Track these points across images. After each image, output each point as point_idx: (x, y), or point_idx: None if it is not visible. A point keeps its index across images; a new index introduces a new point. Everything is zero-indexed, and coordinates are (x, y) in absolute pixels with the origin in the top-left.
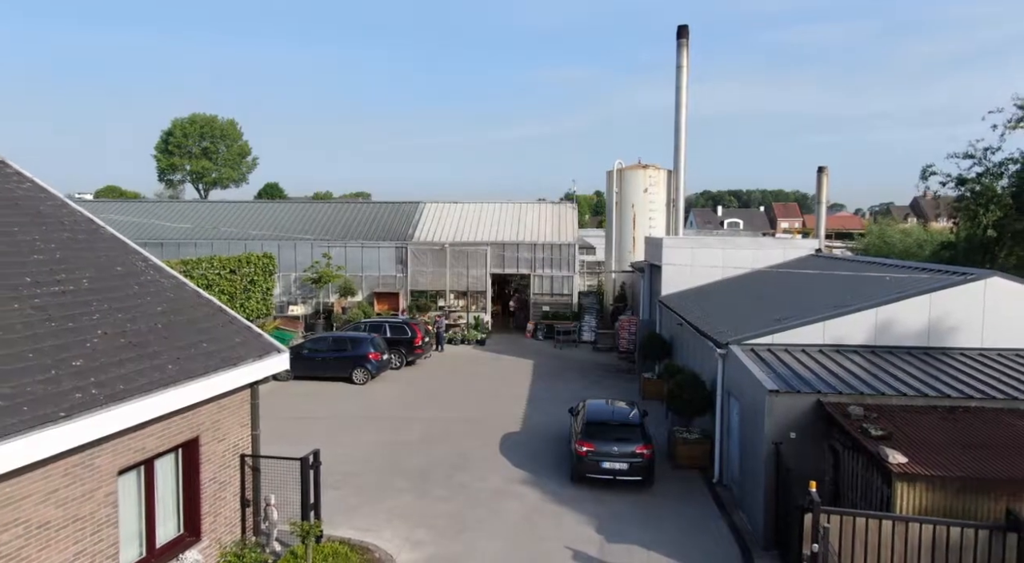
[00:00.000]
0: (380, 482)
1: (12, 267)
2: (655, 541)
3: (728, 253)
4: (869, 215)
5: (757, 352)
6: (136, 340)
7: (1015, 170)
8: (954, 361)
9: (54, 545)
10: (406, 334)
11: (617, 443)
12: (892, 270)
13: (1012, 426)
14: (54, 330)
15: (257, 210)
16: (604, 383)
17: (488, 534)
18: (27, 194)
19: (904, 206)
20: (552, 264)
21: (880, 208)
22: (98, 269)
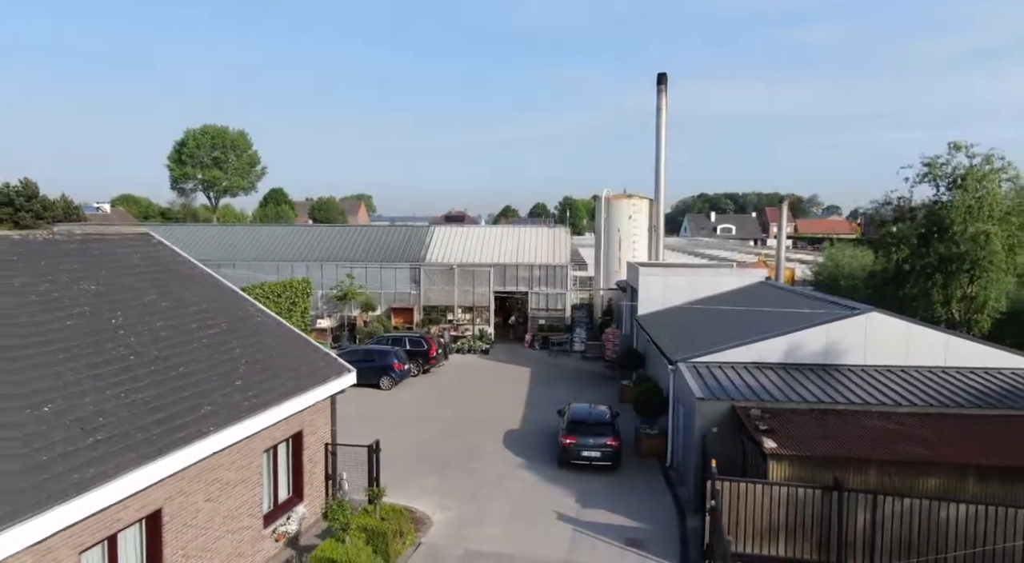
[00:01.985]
0: (411, 468)
1: (182, 317)
2: (618, 508)
3: (693, 280)
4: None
5: (697, 368)
6: (264, 366)
7: (921, 216)
8: (841, 375)
9: (235, 494)
10: (423, 347)
11: (593, 437)
12: (809, 302)
13: (861, 423)
14: (218, 361)
15: (290, 234)
16: (590, 388)
17: (495, 503)
18: (172, 258)
19: None
20: (547, 282)
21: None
22: (229, 315)
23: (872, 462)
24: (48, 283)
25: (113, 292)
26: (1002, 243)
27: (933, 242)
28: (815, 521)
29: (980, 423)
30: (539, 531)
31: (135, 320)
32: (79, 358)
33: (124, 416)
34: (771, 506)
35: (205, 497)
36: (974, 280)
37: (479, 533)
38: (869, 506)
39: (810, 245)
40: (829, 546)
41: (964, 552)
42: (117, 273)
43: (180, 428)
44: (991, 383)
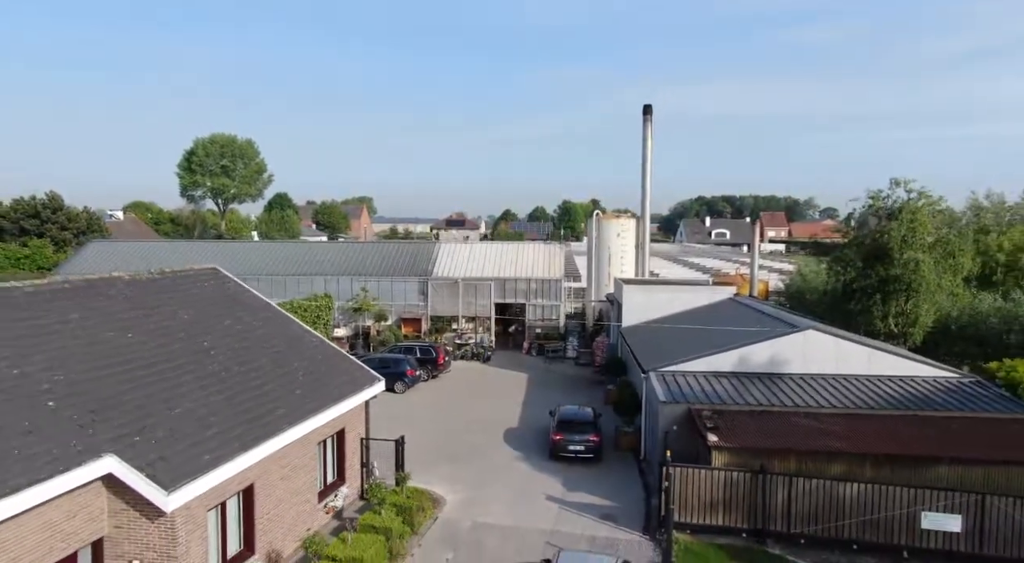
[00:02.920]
0: (427, 460)
1: (250, 339)
2: (597, 491)
3: (670, 296)
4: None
5: (664, 376)
6: (316, 377)
7: (866, 244)
8: (782, 382)
9: (299, 475)
10: (432, 355)
11: (578, 434)
12: (762, 319)
13: (790, 422)
14: (282, 373)
15: (311, 250)
16: (580, 392)
17: (498, 487)
18: (236, 288)
19: None
20: (543, 294)
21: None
22: (285, 337)
23: (792, 452)
24: (157, 314)
25: (200, 319)
26: (931, 268)
27: (875, 266)
28: (745, 497)
29: (886, 421)
30: (532, 508)
31: (219, 342)
32: (189, 372)
33: (226, 416)
34: (712, 486)
35: (280, 477)
36: (909, 299)
37: (484, 510)
38: (786, 486)
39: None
40: (755, 516)
41: (856, 520)
42: (200, 304)
43: (264, 425)
44: (902, 389)
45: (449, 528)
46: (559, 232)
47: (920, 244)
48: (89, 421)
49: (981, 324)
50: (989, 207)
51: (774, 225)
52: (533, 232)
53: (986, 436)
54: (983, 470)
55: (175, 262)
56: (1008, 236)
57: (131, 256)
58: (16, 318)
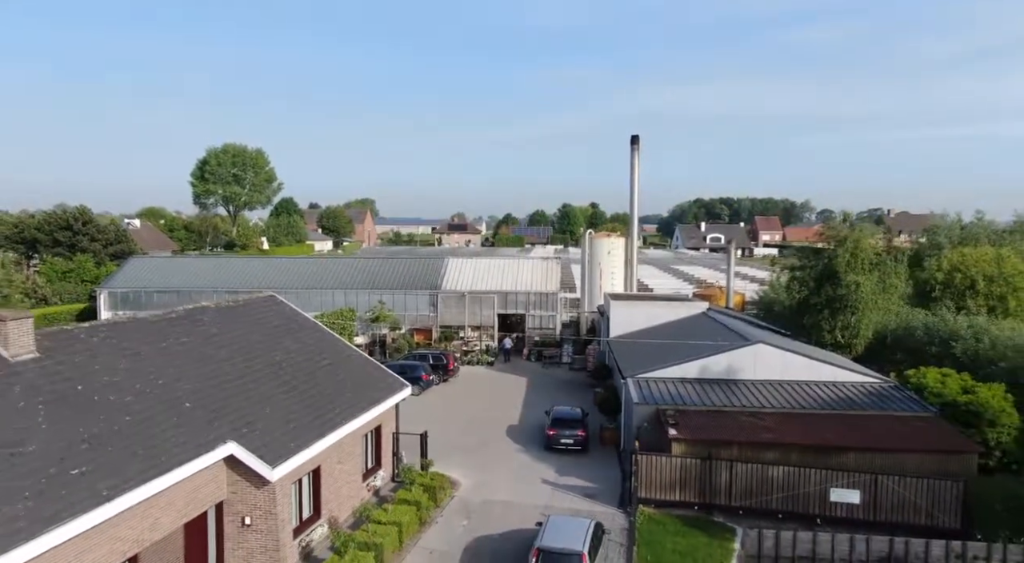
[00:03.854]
0: (444, 451)
1: (307, 354)
2: (583, 476)
3: (651, 311)
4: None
5: (639, 382)
6: (360, 384)
7: (817, 268)
8: (736, 387)
9: (350, 461)
10: (443, 361)
11: (569, 429)
12: (724, 333)
13: (737, 420)
14: (335, 381)
15: (332, 264)
16: (573, 394)
17: (501, 473)
18: (291, 312)
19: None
20: (541, 306)
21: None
22: (331, 351)
23: (734, 443)
24: (238, 335)
25: (269, 339)
26: (870, 289)
27: (825, 286)
28: (696, 479)
29: (813, 418)
30: (530, 489)
31: (285, 357)
32: (270, 381)
33: (300, 414)
34: (670, 470)
35: (337, 461)
36: (852, 315)
37: (491, 490)
38: (728, 469)
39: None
40: (704, 493)
41: (781, 495)
42: (267, 326)
43: (327, 421)
44: (832, 392)
45: (464, 503)
46: (559, 236)
47: (861, 268)
48: (213, 418)
49: (911, 337)
50: (943, 227)
51: (769, 229)
52: (533, 236)
53: (889, 430)
54: (881, 456)
55: (208, 277)
56: (948, 257)
57: (168, 271)
58: (150, 342)
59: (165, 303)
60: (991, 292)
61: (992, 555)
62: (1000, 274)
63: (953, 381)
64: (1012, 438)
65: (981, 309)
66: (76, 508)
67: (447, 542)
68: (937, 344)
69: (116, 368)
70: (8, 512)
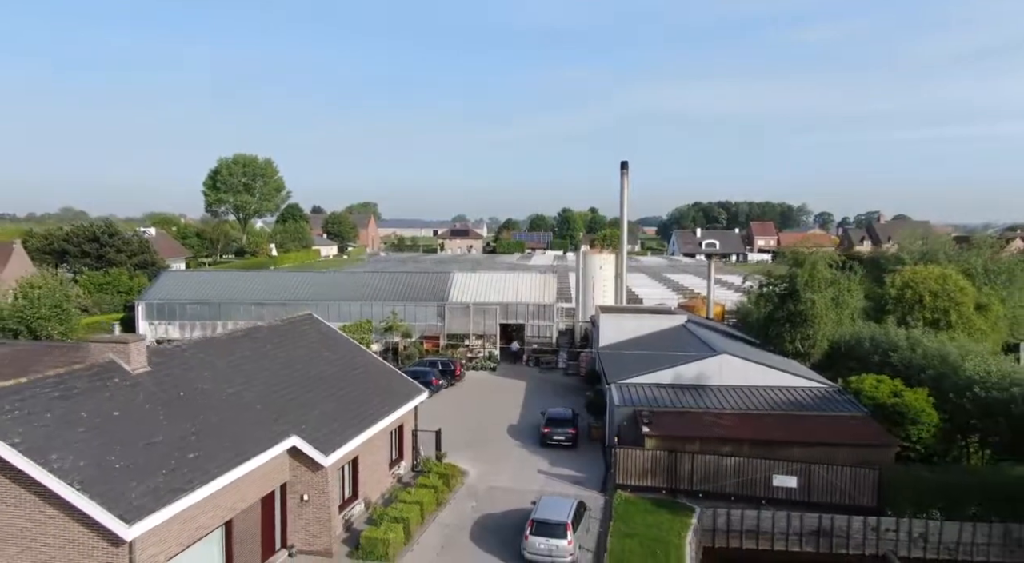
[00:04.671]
0: (453, 446)
1: (341, 365)
2: (572, 467)
3: (636, 323)
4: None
5: (621, 387)
6: (386, 389)
7: (782, 285)
8: (703, 392)
9: (379, 453)
10: (451, 367)
11: (561, 427)
12: (696, 344)
13: (701, 419)
14: (366, 387)
15: (348, 277)
16: (567, 397)
17: (503, 464)
18: (327, 329)
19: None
20: (539, 316)
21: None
22: (361, 362)
23: (696, 438)
24: (287, 350)
25: (311, 352)
26: (825, 305)
27: (787, 302)
28: (664, 468)
29: (763, 418)
30: (527, 477)
31: (325, 368)
32: (314, 389)
33: (342, 414)
34: (643, 461)
35: (370, 453)
36: (809, 328)
37: (495, 478)
38: (690, 460)
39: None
40: (670, 480)
41: (733, 481)
42: (308, 341)
43: (363, 421)
44: (784, 396)
45: (472, 489)
46: (559, 241)
47: (818, 287)
48: (276, 417)
49: (860, 347)
50: (904, 244)
51: (764, 234)
52: (534, 241)
53: (826, 428)
54: (818, 449)
55: (233, 289)
56: (901, 275)
57: (197, 283)
58: (223, 356)
59: (195, 314)
60: (936, 306)
61: (900, 528)
62: (944, 290)
63: (885, 386)
64: (931, 434)
65: (927, 321)
66: (195, 482)
67: (459, 518)
68: (879, 354)
69: (203, 377)
70: (151, 484)
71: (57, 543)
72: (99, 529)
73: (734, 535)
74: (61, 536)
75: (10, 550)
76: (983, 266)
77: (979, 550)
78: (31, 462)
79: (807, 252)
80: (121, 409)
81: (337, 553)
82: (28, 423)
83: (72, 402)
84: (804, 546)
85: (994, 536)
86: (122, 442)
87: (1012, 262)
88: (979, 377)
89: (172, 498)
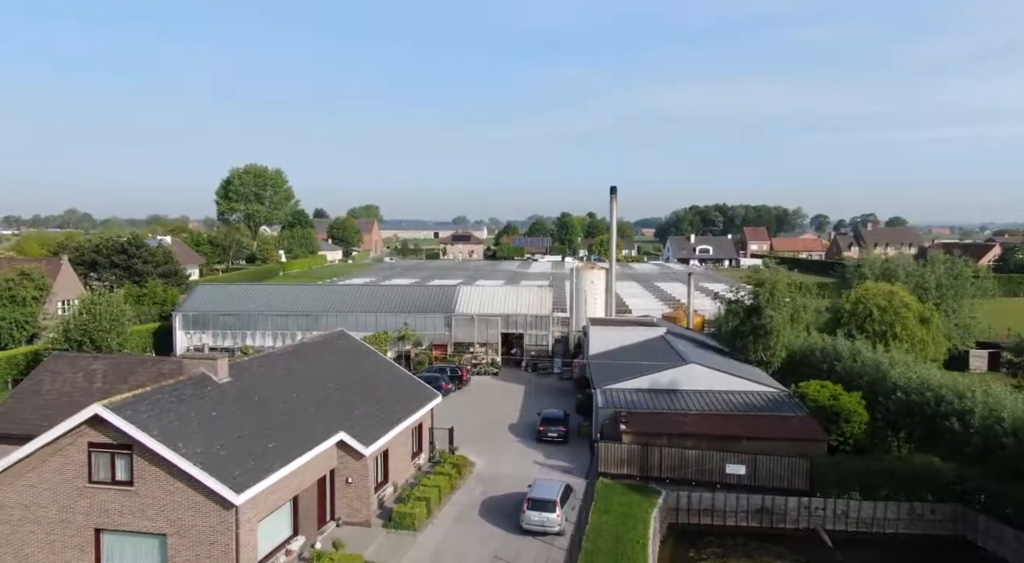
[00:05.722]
0: (463, 441)
1: (370, 373)
2: (563, 459)
3: (622, 334)
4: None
5: (604, 391)
6: (407, 394)
7: (747, 302)
8: (675, 396)
9: (404, 445)
10: (458, 373)
11: (554, 426)
12: (669, 353)
13: (672, 419)
14: (391, 392)
15: (364, 290)
16: (560, 399)
17: (505, 456)
18: (356, 342)
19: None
20: (536, 326)
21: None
22: (386, 371)
23: (665, 434)
24: (328, 361)
25: (346, 363)
26: (783, 321)
27: (751, 317)
28: (638, 458)
29: (721, 417)
30: (525, 467)
31: (359, 376)
32: (355, 393)
33: (377, 414)
34: (620, 453)
35: (398, 445)
36: (769, 340)
37: (499, 468)
38: (659, 452)
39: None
40: (643, 469)
41: (694, 469)
42: (343, 354)
43: (392, 420)
44: (741, 399)
45: (480, 476)
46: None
47: (777, 305)
48: (327, 417)
49: (812, 356)
50: (867, 262)
51: (757, 239)
52: (533, 246)
53: (772, 425)
54: (764, 443)
55: (260, 302)
56: (855, 291)
57: (227, 296)
58: (281, 366)
59: (226, 324)
60: (884, 320)
61: (827, 506)
62: (891, 306)
63: (826, 390)
64: (861, 431)
65: (877, 333)
66: (275, 465)
67: (470, 499)
68: (827, 362)
69: (269, 385)
70: (246, 466)
71: (183, 507)
72: (214, 497)
73: (693, 513)
74: (185, 502)
75: (150, 512)
76: (936, 282)
77: (889, 524)
78: (166, 448)
79: (768, 274)
80: (217, 410)
81: (374, 524)
82: (159, 420)
83: (184, 405)
84: (750, 522)
85: (901, 512)
86: (221, 434)
87: (963, 278)
88: (903, 383)
89: (262, 476)
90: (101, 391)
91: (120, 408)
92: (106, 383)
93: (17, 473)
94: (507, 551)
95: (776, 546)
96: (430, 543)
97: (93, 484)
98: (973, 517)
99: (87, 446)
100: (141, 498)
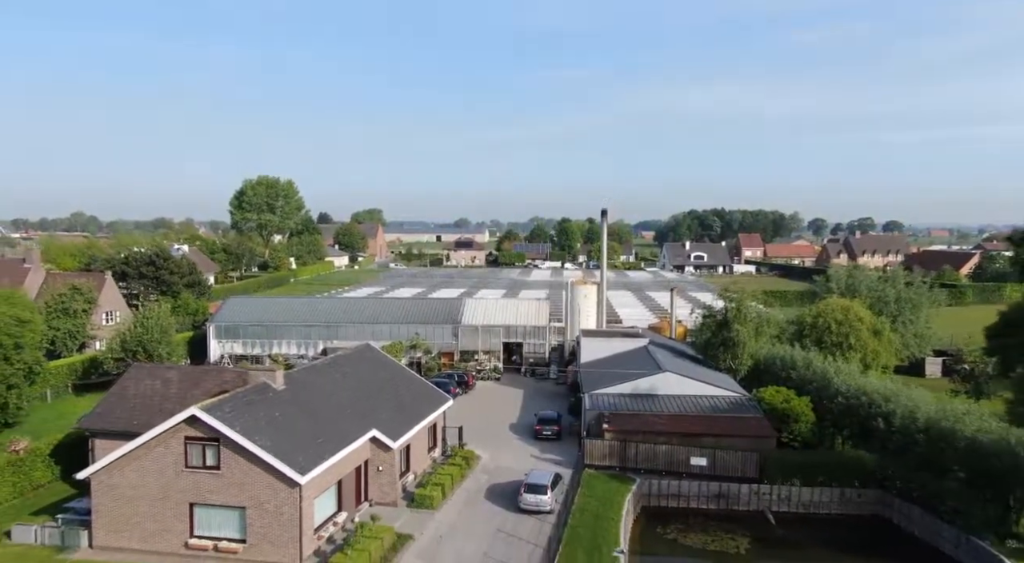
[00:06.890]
0: (469, 438)
1: (392, 381)
2: (556, 453)
3: (609, 344)
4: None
5: (592, 396)
6: (424, 397)
7: (719, 317)
8: (653, 400)
9: (423, 440)
10: (464, 379)
11: (548, 425)
12: (647, 361)
13: (648, 420)
14: (411, 396)
15: (379, 303)
16: (556, 401)
17: (506, 451)
18: (380, 354)
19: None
20: (534, 336)
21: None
22: (404, 378)
23: (641, 432)
24: (359, 371)
25: (373, 372)
26: (748, 334)
27: (722, 330)
28: (618, 453)
29: (691, 418)
30: (524, 459)
31: (384, 383)
32: (379, 397)
33: (400, 415)
34: (603, 448)
35: (417, 441)
36: (737, 350)
37: (501, 461)
38: (635, 447)
39: (771, 271)
40: (621, 461)
41: (664, 461)
42: (369, 364)
43: (413, 419)
44: (707, 402)
45: (485, 467)
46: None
47: (743, 320)
48: (361, 417)
49: (773, 365)
50: (833, 275)
51: (751, 245)
52: (533, 252)
53: (731, 425)
54: (724, 439)
55: (285, 314)
56: (817, 305)
57: (256, 308)
58: (322, 376)
59: (255, 333)
60: (840, 332)
61: (772, 492)
62: (846, 320)
63: (780, 395)
64: (808, 429)
65: (834, 344)
66: (324, 455)
67: (477, 485)
68: (785, 370)
69: (316, 391)
70: (304, 455)
71: (259, 486)
72: (284, 478)
73: (663, 497)
74: (261, 482)
75: (232, 489)
76: (896, 295)
77: (824, 505)
78: (248, 441)
79: (736, 292)
80: (279, 411)
81: (399, 504)
82: (239, 419)
83: (254, 407)
84: (709, 505)
85: (834, 497)
86: (283, 430)
87: (920, 292)
88: (843, 388)
89: (318, 462)
90: (176, 396)
91: (210, 410)
92: (180, 389)
93: (128, 461)
94: (507, 526)
95: (730, 524)
96: (445, 519)
97: (188, 468)
98: (891, 500)
99: (184, 439)
100: (226, 479)
